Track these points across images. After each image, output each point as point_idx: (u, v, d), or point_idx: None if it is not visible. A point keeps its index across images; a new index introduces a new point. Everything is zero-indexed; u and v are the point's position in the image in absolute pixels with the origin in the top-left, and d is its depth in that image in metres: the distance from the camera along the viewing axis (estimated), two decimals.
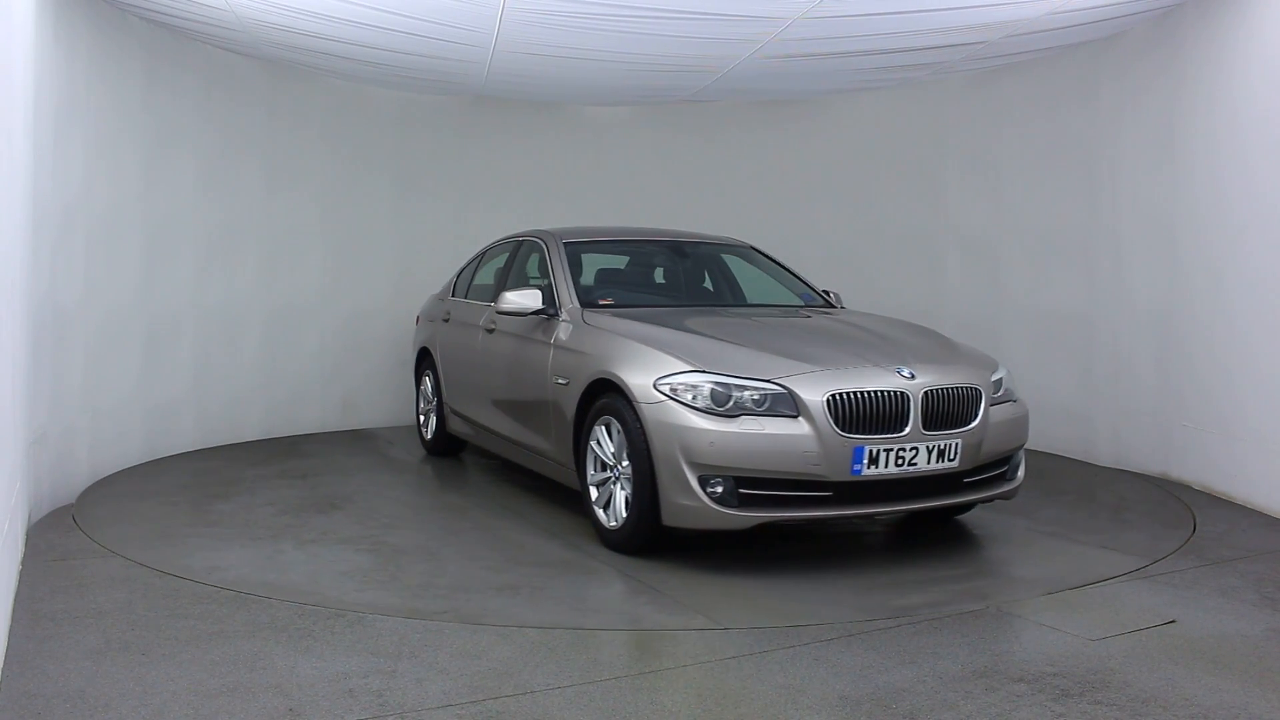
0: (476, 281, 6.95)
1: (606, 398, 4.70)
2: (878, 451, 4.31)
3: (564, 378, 5.09)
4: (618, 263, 6.33)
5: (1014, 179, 7.59)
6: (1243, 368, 5.67)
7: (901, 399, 4.38)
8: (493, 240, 7.29)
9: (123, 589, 4.06)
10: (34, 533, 4.89)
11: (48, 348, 5.30)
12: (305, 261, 8.01)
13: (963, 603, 3.99)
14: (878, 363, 4.53)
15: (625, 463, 4.57)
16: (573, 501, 5.52)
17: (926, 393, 4.42)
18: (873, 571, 4.46)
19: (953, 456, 4.47)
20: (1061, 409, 7.26)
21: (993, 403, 4.71)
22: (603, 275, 6.15)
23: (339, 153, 8.20)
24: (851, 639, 3.57)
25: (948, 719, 2.93)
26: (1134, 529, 5.16)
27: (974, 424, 4.55)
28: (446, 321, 6.95)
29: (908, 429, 4.37)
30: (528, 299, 5.53)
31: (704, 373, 4.39)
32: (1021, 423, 4.89)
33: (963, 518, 5.33)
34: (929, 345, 5.02)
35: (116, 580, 4.18)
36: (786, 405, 4.29)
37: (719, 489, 4.27)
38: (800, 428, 4.26)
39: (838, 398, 4.29)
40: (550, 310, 5.50)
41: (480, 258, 7.11)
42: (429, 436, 7.26)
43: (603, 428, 4.73)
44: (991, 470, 4.76)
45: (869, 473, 4.31)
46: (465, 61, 7.20)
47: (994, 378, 4.83)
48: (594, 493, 4.83)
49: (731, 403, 4.31)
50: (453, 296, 7.10)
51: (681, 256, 6.39)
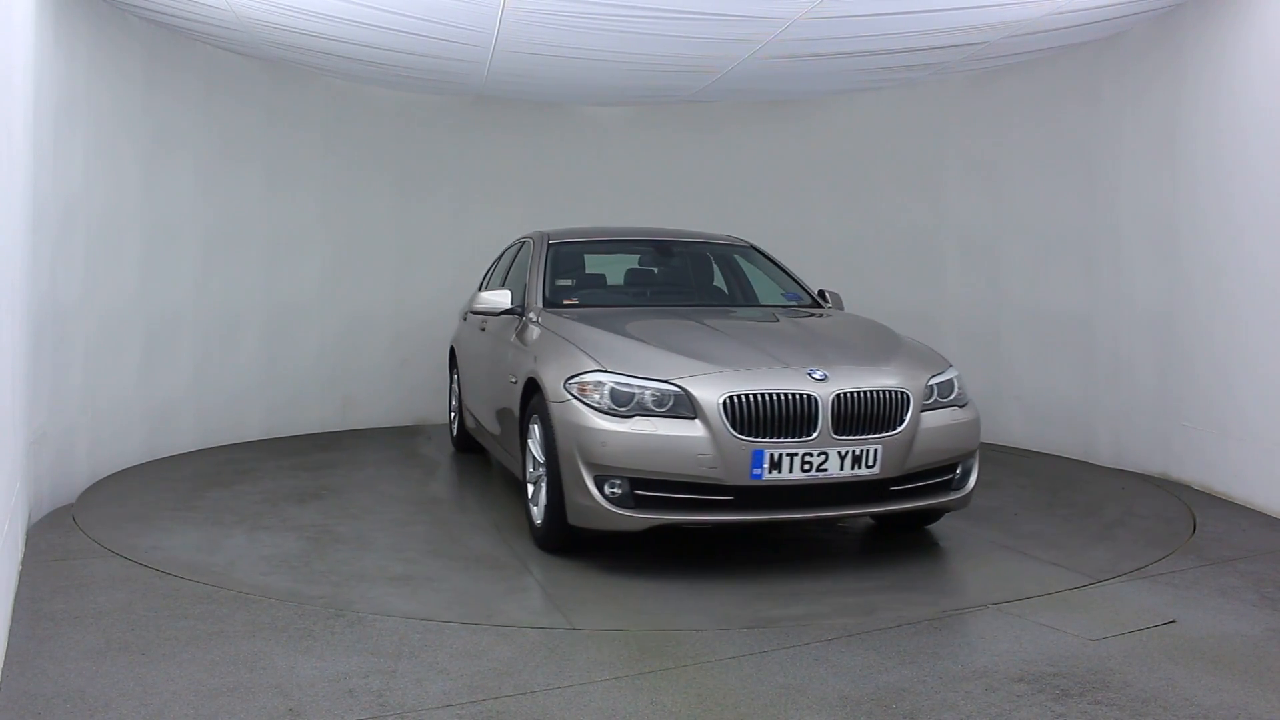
0: (492, 279, 7.00)
1: (536, 396, 4.69)
2: (780, 456, 4.16)
3: (514, 376, 5.12)
4: (607, 263, 6.34)
5: (1014, 179, 7.59)
6: (1243, 368, 5.67)
7: (808, 402, 4.21)
8: (511, 239, 7.32)
9: (123, 589, 4.06)
10: (34, 533, 4.89)
11: (48, 348, 5.30)
12: (305, 261, 8.01)
13: (842, 615, 3.82)
14: (791, 364, 4.35)
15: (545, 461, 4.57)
16: None
17: (838, 396, 4.24)
18: (787, 579, 4.28)
19: (871, 463, 4.25)
20: (1061, 409, 7.26)
21: (930, 407, 4.49)
22: (589, 275, 6.17)
23: (339, 152, 8.20)
24: (851, 639, 3.57)
25: (948, 719, 2.93)
26: (1116, 534, 5.04)
27: (898, 430, 4.32)
28: (465, 320, 7.03)
29: (816, 433, 4.20)
30: (499, 298, 5.58)
31: (608, 372, 4.35)
32: (967, 428, 4.62)
33: (933, 525, 5.10)
34: (867, 348, 4.77)
35: (116, 580, 4.18)
36: (685, 406, 4.22)
37: (617, 490, 4.23)
38: (695, 429, 4.17)
39: (735, 399, 4.18)
40: (518, 310, 5.55)
41: (501, 256, 7.13)
42: (454, 433, 7.38)
43: (535, 426, 4.71)
44: (931, 478, 4.51)
45: (771, 477, 4.16)
46: (465, 61, 7.20)
47: (934, 381, 4.57)
48: (530, 490, 4.81)
49: (634, 403, 4.26)
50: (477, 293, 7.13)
51: (672, 256, 6.36)
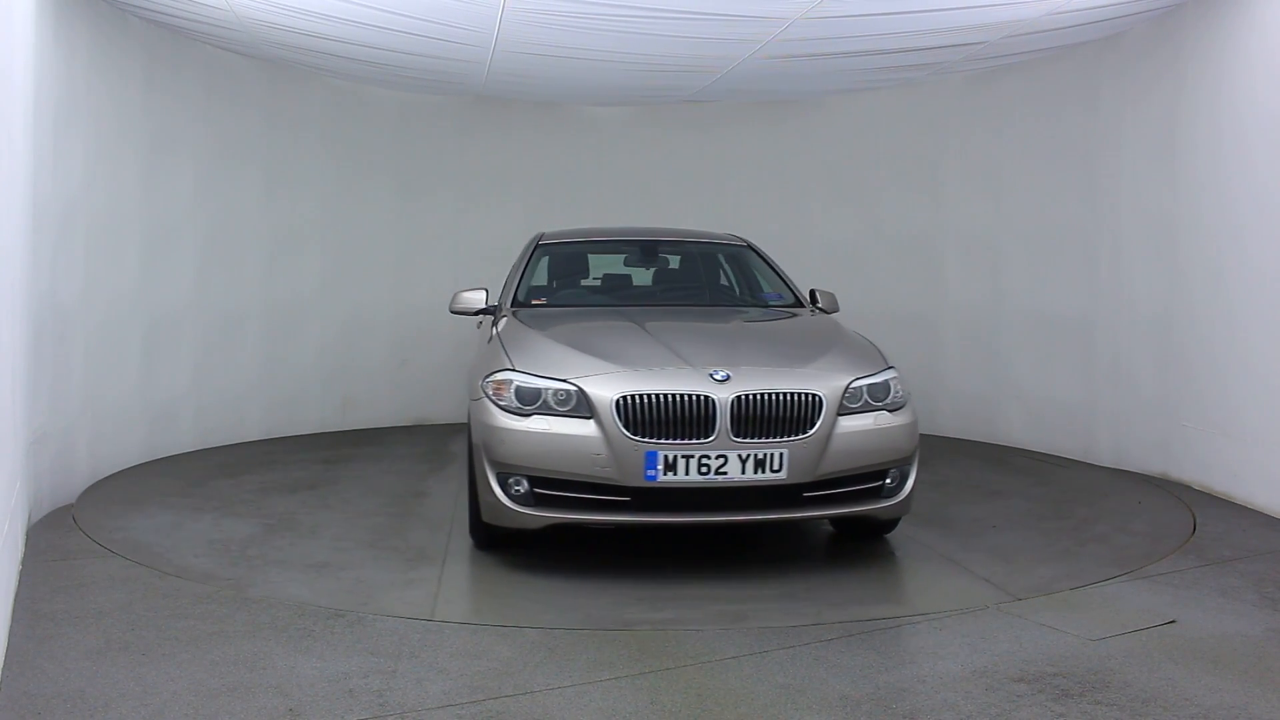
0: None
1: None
2: (675, 458, 4.09)
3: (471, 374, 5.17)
4: (598, 262, 6.35)
5: (1014, 179, 7.59)
6: (1243, 368, 5.67)
7: (704, 403, 4.14)
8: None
9: (123, 589, 4.06)
10: (34, 533, 4.89)
11: (48, 348, 5.30)
12: (305, 260, 8.01)
13: (710, 622, 3.76)
14: (698, 365, 4.28)
15: None
16: None
17: (738, 398, 4.14)
18: (678, 583, 4.23)
19: (777, 467, 4.14)
20: (1061, 409, 7.26)
21: (852, 411, 4.33)
22: (573, 274, 6.19)
23: (338, 153, 8.20)
24: (851, 639, 3.57)
25: (948, 719, 2.93)
26: (1079, 551, 4.73)
27: (806, 434, 4.19)
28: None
29: (713, 435, 4.13)
30: (473, 297, 5.66)
31: (516, 371, 4.39)
32: (898, 433, 4.42)
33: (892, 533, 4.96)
34: (795, 349, 4.67)
35: (116, 580, 4.18)
36: (584, 406, 4.21)
37: (520, 488, 4.25)
38: (589, 429, 4.16)
39: (629, 399, 4.14)
40: (491, 309, 5.61)
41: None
42: None
43: None
44: (855, 484, 4.36)
45: (666, 479, 4.09)
46: (465, 61, 7.20)
47: (858, 383, 4.40)
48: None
49: (539, 402, 4.27)
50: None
51: (659, 256, 6.34)
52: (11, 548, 3.81)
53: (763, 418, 4.17)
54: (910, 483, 4.54)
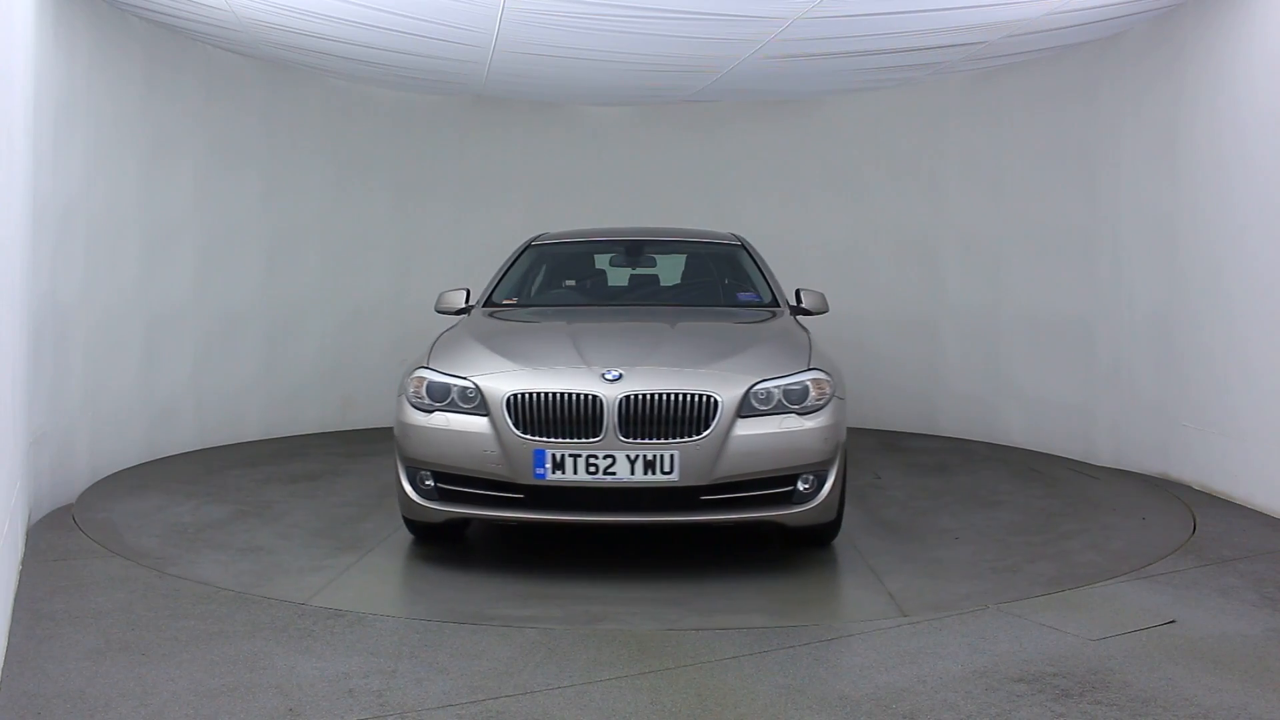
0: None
1: None
2: (563, 456, 4.12)
3: None
4: (583, 263, 6.37)
5: (1014, 179, 7.60)
6: (1243, 368, 5.67)
7: (592, 403, 4.14)
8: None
9: (123, 589, 4.06)
10: (34, 533, 4.89)
11: (48, 347, 5.30)
12: (305, 260, 8.01)
13: (564, 621, 3.76)
14: (594, 364, 4.28)
15: None
16: None
17: (626, 398, 4.12)
18: (569, 580, 4.28)
19: (668, 469, 4.09)
20: (1061, 409, 7.26)
21: (755, 413, 4.23)
22: (557, 275, 6.22)
23: (338, 152, 8.20)
24: (851, 639, 3.57)
25: (948, 719, 2.93)
26: (1023, 567, 4.51)
27: (700, 436, 4.13)
28: None
29: (601, 435, 4.12)
30: (455, 297, 5.71)
31: (429, 369, 4.49)
32: (806, 438, 4.25)
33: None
34: (710, 350, 4.58)
35: (116, 580, 4.18)
36: (482, 404, 4.28)
37: (427, 483, 4.38)
38: (483, 426, 4.23)
39: (519, 397, 4.19)
40: (469, 308, 5.67)
41: None
42: None
43: None
44: (760, 489, 4.25)
45: (555, 478, 4.12)
46: (465, 61, 7.20)
47: (765, 386, 4.29)
48: None
49: (447, 399, 4.36)
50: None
51: (647, 256, 6.31)
52: (11, 548, 3.81)
53: (653, 418, 4.13)
54: (828, 489, 4.34)
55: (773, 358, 4.50)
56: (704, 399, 4.17)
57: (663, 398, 4.15)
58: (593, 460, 4.11)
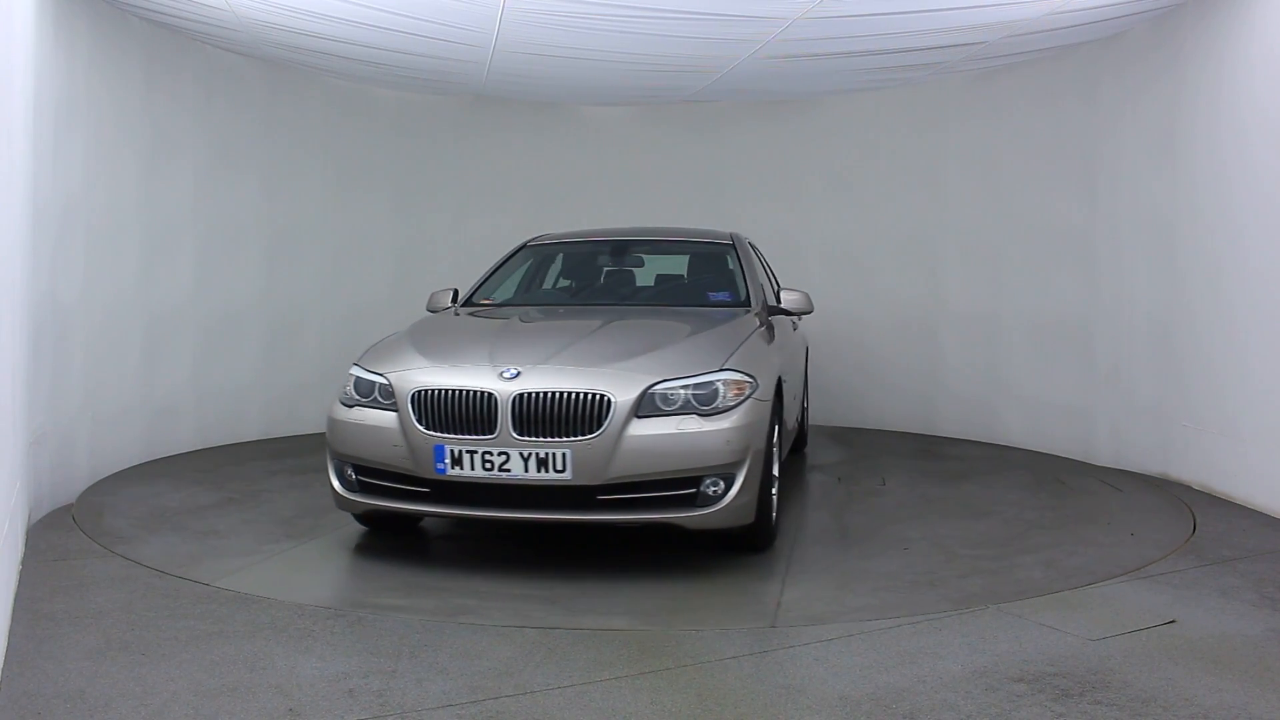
0: None
1: None
2: (460, 452, 4.19)
3: None
4: (571, 264, 6.43)
5: (1014, 179, 7.60)
6: (1242, 368, 5.67)
7: (487, 400, 4.20)
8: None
9: (123, 589, 4.06)
10: (34, 533, 4.89)
11: (48, 347, 5.30)
12: (305, 260, 8.01)
13: (429, 613, 3.82)
14: (496, 363, 4.34)
15: None
16: None
17: (519, 396, 4.17)
18: (469, 574, 4.37)
19: (560, 467, 4.11)
20: (1061, 409, 7.26)
21: (653, 413, 4.19)
22: (541, 275, 6.30)
23: (338, 152, 8.20)
24: (851, 639, 3.57)
25: (948, 719, 2.93)
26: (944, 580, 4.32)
27: (592, 435, 4.12)
28: None
29: (496, 433, 4.17)
30: (443, 297, 5.85)
31: (359, 366, 4.68)
32: (706, 440, 4.18)
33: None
34: (620, 349, 4.54)
35: (116, 580, 4.18)
36: (392, 400, 4.41)
37: (350, 476, 4.52)
38: (392, 421, 4.35)
39: (423, 394, 4.30)
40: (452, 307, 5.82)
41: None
42: None
43: None
44: (660, 490, 4.20)
45: (454, 473, 4.21)
46: (465, 61, 7.20)
47: (668, 386, 4.25)
48: None
49: (371, 395, 4.50)
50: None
51: (633, 257, 6.33)
52: (11, 548, 3.81)
53: (546, 417, 4.16)
54: (734, 493, 4.23)
55: (685, 358, 4.44)
56: (597, 398, 4.16)
57: (556, 396, 4.17)
58: (488, 457, 4.17)
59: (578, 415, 4.15)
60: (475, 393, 4.22)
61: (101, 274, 6.09)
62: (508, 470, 4.16)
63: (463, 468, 4.20)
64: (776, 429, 4.83)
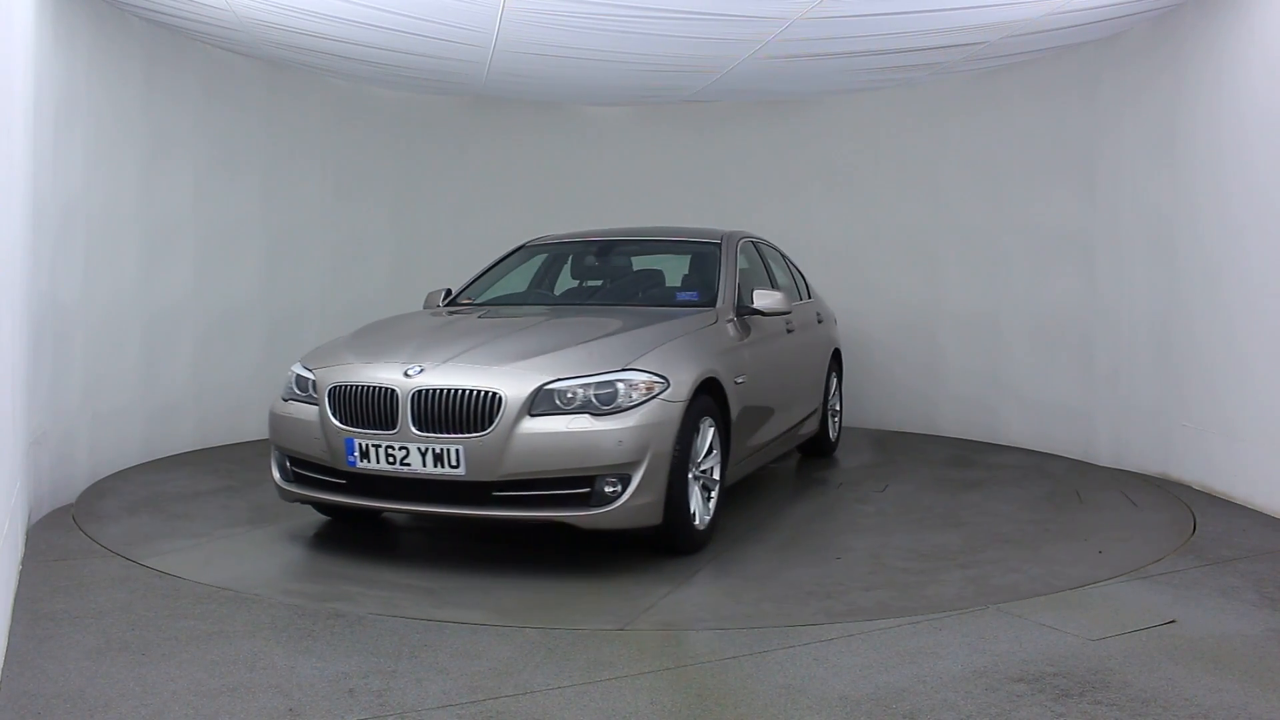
0: None
1: None
2: (367, 446, 4.33)
3: None
4: (555, 264, 6.46)
5: (1014, 178, 7.60)
6: (1242, 367, 5.67)
7: (389, 396, 4.32)
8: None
9: (123, 589, 4.06)
10: (34, 533, 4.89)
11: (48, 347, 5.30)
12: (305, 259, 8.02)
13: (333, 600, 3.95)
14: (405, 360, 4.46)
15: None
16: None
17: (418, 392, 4.28)
18: (399, 568, 4.49)
19: (454, 463, 4.20)
20: (1061, 409, 7.27)
21: (547, 411, 4.21)
22: (531, 275, 6.35)
23: (339, 152, 8.20)
24: (851, 639, 3.57)
25: (948, 719, 2.93)
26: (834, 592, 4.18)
27: (483, 432, 4.18)
28: None
29: (397, 428, 4.29)
30: (436, 297, 6.05)
31: (300, 363, 4.87)
32: (596, 439, 4.17)
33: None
34: (540, 347, 4.55)
35: (116, 580, 4.18)
36: (316, 395, 4.59)
37: (287, 467, 4.73)
38: (314, 415, 4.54)
39: (338, 389, 4.47)
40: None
41: None
42: None
43: None
44: (553, 488, 4.22)
45: (363, 466, 4.35)
46: (465, 61, 7.21)
47: (563, 384, 4.26)
48: None
49: (306, 391, 4.67)
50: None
51: (615, 258, 6.34)
52: (11, 548, 3.81)
53: (442, 413, 4.25)
54: (630, 493, 4.21)
55: (589, 357, 4.45)
56: (488, 395, 4.23)
57: (450, 393, 4.26)
58: (390, 451, 4.30)
59: (471, 412, 4.22)
60: (380, 389, 4.36)
61: (101, 274, 6.09)
62: (408, 465, 4.27)
63: (369, 461, 4.34)
64: (747, 430, 5.00)
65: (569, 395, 4.26)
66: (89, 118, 5.89)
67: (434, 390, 4.27)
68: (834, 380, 7.30)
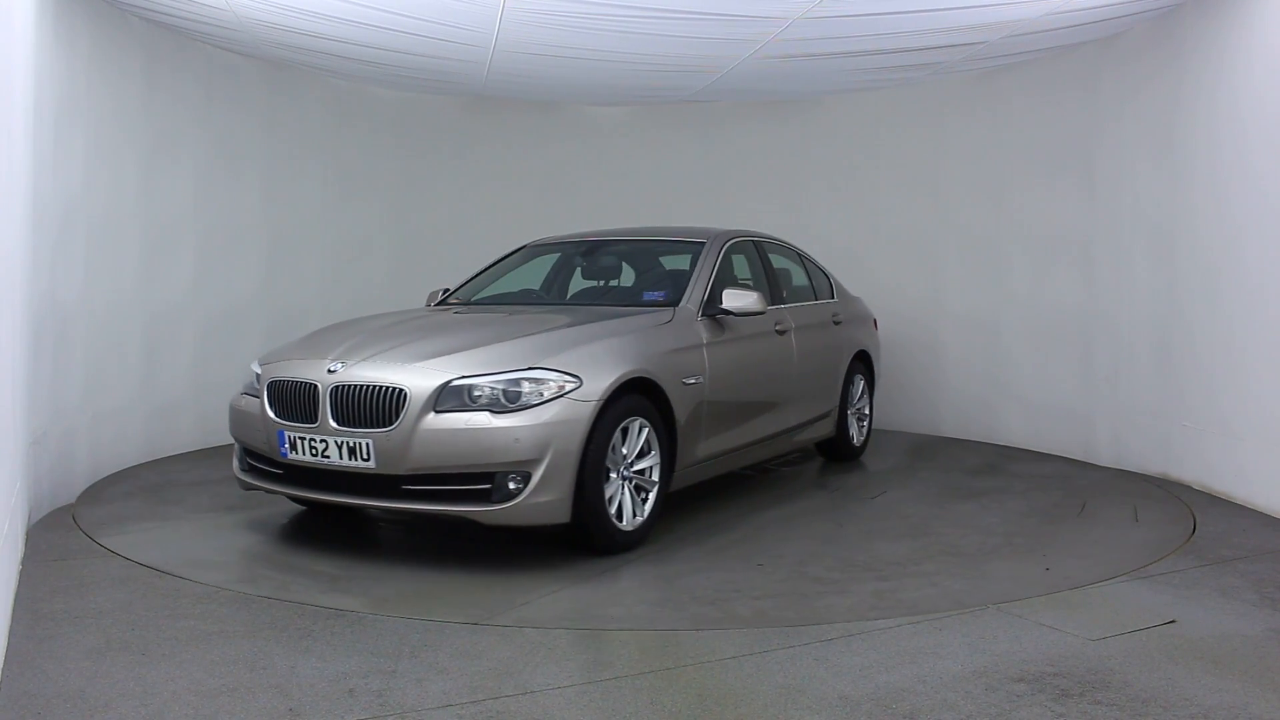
0: None
1: None
2: (295, 438, 4.53)
3: None
4: (543, 265, 6.51)
5: (1014, 179, 7.60)
6: (1242, 367, 5.67)
7: (312, 391, 4.51)
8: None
9: (123, 589, 4.06)
10: (34, 533, 4.89)
11: (48, 347, 5.30)
12: (305, 259, 8.02)
13: (241, 583, 4.16)
14: (331, 356, 4.64)
15: None
16: None
17: (335, 388, 4.44)
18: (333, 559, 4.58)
19: (366, 456, 4.33)
20: (1061, 409, 7.27)
21: (453, 408, 4.28)
22: (516, 276, 6.39)
23: (338, 152, 8.20)
24: (851, 639, 3.57)
25: (948, 719, 2.93)
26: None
27: (390, 427, 4.29)
28: None
29: (318, 421, 4.47)
30: (435, 296, 6.28)
31: (257, 360, 5.06)
32: (494, 436, 4.21)
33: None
34: (459, 344, 4.62)
35: (116, 580, 4.18)
36: (260, 389, 4.81)
37: (244, 457, 4.94)
38: (257, 408, 4.75)
39: (273, 385, 4.69)
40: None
41: None
42: None
43: None
44: (458, 483, 4.29)
45: (293, 458, 4.55)
46: (465, 61, 7.21)
47: (468, 382, 4.33)
48: None
49: (255, 386, 4.87)
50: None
51: (607, 258, 6.35)
52: (11, 548, 3.81)
53: (356, 408, 4.41)
54: (530, 490, 4.24)
55: (500, 355, 4.50)
56: (394, 391, 4.35)
57: (363, 389, 4.41)
58: (313, 444, 4.48)
59: (380, 407, 4.36)
60: (305, 384, 4.56)
61: (101, 274, 6.09)
62: (328, 457, 4.44)
63: (297, 453, 4.53)
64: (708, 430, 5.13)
65: (476, 392, 4.33)
66: (89, 118, 5.89)
67: (349, 386, 4.44)
68: (859, 383, 7.14)
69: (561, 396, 4.36)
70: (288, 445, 4.55)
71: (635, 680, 3.20)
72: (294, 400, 4.58)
